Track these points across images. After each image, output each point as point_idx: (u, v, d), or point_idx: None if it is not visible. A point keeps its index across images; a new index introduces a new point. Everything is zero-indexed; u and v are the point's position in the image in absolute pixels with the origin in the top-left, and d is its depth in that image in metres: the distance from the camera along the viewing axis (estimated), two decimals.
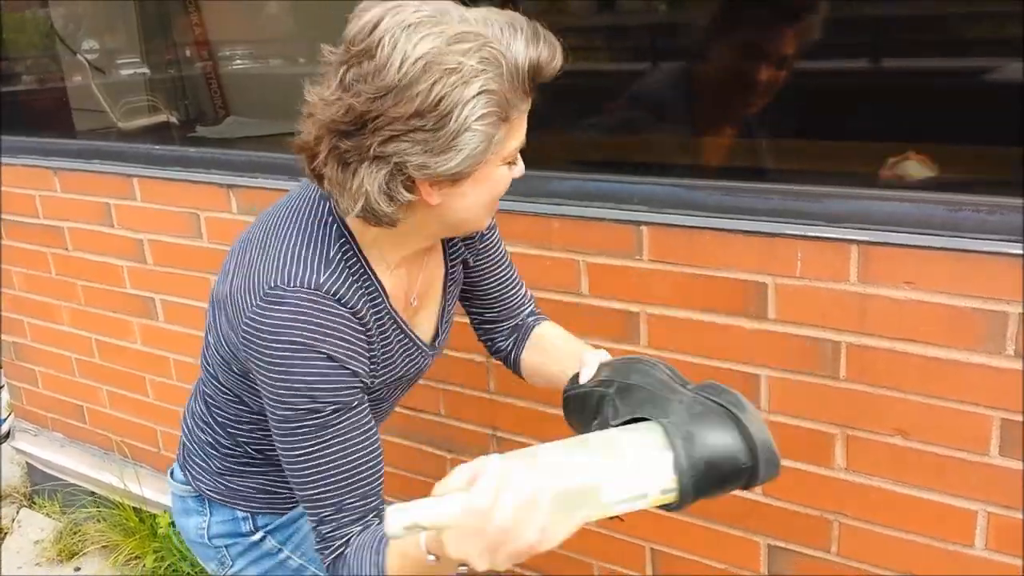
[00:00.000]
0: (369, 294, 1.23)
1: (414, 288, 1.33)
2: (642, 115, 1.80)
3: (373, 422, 1.23)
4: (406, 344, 1.33)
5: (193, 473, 1.50)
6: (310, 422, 1.16)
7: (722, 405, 1.09)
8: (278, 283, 1.15)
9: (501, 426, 2.04)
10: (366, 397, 1.22)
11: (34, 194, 2.82)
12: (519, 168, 1.21)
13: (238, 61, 2.77)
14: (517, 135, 1.14)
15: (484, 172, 1.13)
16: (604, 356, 1.32)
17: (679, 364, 1.73)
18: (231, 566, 1.52)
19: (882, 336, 1.53)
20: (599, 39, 1.92)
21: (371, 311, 1.23)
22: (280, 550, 1.52)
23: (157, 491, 2.87)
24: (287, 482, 1.42)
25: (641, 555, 1.93)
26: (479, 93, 1.04)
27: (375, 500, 1.22)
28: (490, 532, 0.92)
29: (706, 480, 1.04)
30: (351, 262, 1.21)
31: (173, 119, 2.76)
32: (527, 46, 1.07)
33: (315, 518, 1.20)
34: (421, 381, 2.07)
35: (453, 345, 1.62)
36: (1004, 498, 1.49)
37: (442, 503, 0.94)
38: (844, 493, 1.64)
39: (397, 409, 2.16)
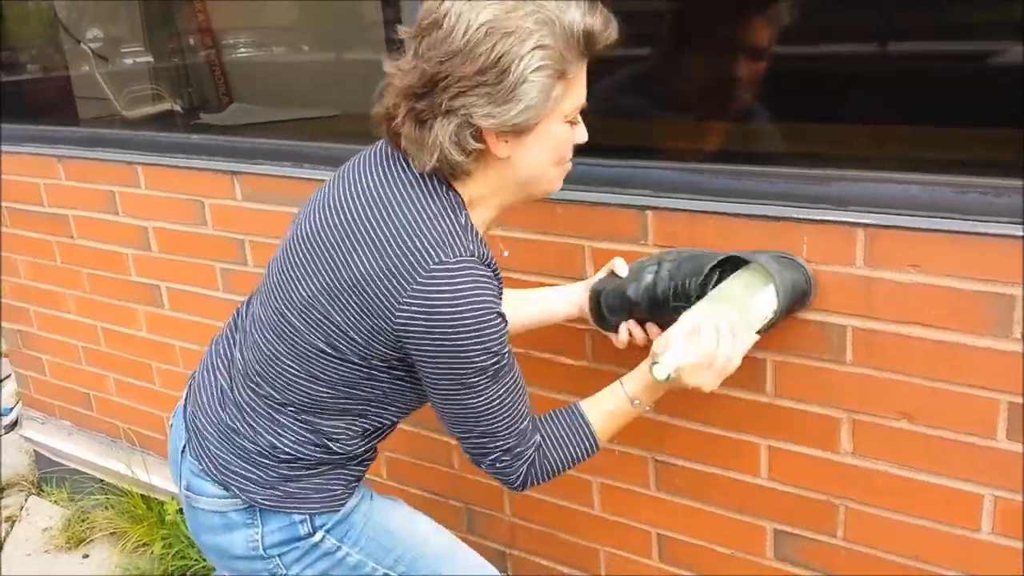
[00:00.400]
0: (487, 249, 1.35)
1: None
2: (639, 100, 1.80)
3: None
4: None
5: (239, 485, 1.46)
6: (498, 370, 1.30)
7: (787, 256, 1.55)
8: (442, 257, 1.25)
9: None
10: None
11: (39, 182, 2.82)
12: (582, 130, 1.33)
13: (241, 48, 2.76)
14: (576, 93, 1.27)
15: (546, 128, 1.26)
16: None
17: None
18: (284, 573, 1.49)
19: (888, 320, 1.52)
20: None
21: (493, 261, 1.36)
22: (339, 547, 1.50)
23: (164, 478, 2.88)
24: (348, 474, 1.50)
25: (647, 540, 1.93)
26: (534, 48, 1.18)
27: (533, 419, 1.43)
28: (717, 361, 1.35)
29: (789, 300, 1.49)
30: (468, 223, 1.32)
31: (177, 107, 2.75)
32: (583, 15, 1.21)
33: (503, 449, 1.38)
34: None
35: None
36: (1011, 482, 1.48)
37: (682, 347, 1.36)
38: (850, 477, 1.63)
39: None
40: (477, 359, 1.27)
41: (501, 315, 1.28)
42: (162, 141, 2.51)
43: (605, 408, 1.46)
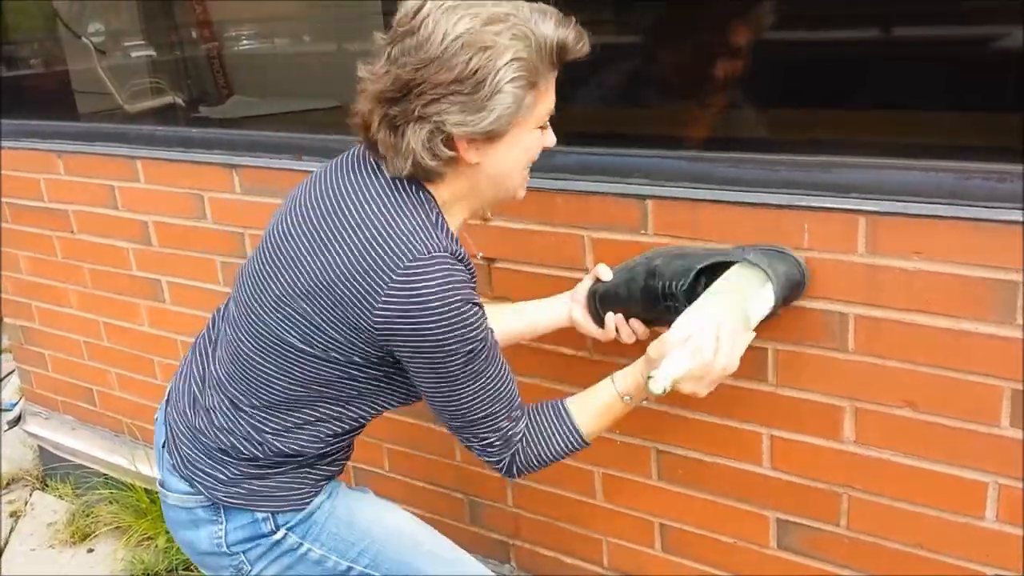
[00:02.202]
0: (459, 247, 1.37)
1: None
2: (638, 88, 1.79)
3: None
4: None
5: (203, 483, 1.48)
6: (478, 357, 1.31)
7: (775, 249, 1.54)
8: (416, 254, 1.27)
9: None
10: None
11: (38, 177, 2.82)
12: (550, 135, 1.37)
13: (242, 41, 2.75)
14: (546, 101, 1.30)
15: (516, 134, 1.29)
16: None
17: None
18: (249, 570, 1.51)
19: (891, 307, 1.51)
20: (607, 12, 1.89)
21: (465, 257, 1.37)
22: (301, 544, 1.50)
23: None
24: (315, 474, 1.49)
25: (650, 530, 1.92)
26: (510, 61, 1.20)
27: (521, 406, 1.44)
28: (714, 371, 1.35)
29: (785, 293, 1.49)
30: (441, 222, 1.33)
31: (178, 100, 2.74)
32: (556, 28, 1.24)
33: (489, 433, 1.40)
34: None
35: None
36: (1014, 469, 1.47)
37: (679, 360, 1.34)
38: (853, 466, 1.62)
39: None
40: (458, 349, 1.28)
41: (477, 304, 1.30)
42: (161, 135, 2.50)
43: (594, 404, 1.46)
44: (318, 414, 1.43)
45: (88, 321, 2.94)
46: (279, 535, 1.49)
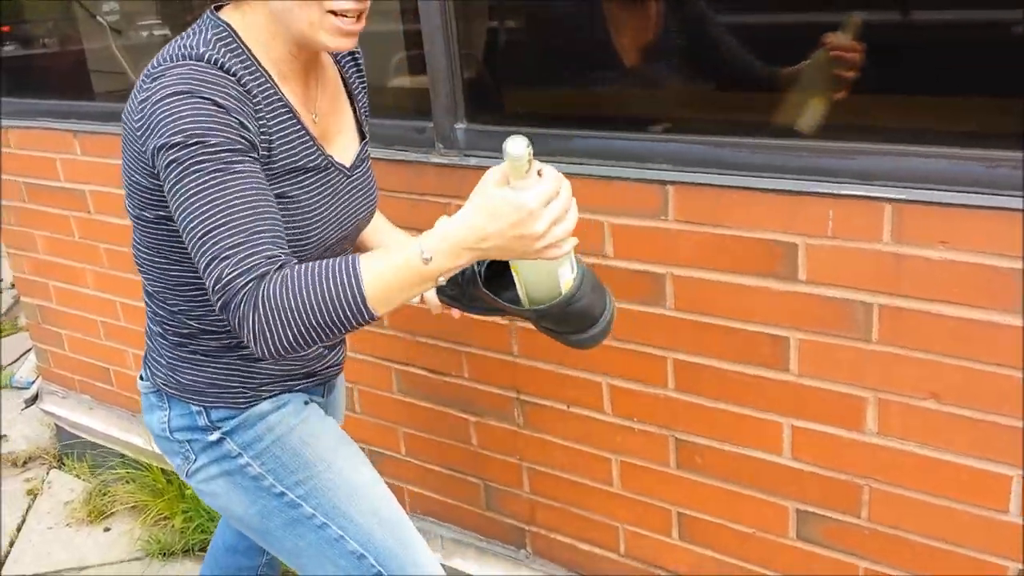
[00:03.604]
0: (251, 73, 1.32)
1: (312, 106, 1.45)
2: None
3: (271, 192, 1.27)
4: (308, 145, 1.39)
5: (152, 369, 1.55)
6: (203, 158, 1.20)
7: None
8: (158, 63, 1.28)
9: (525, 389, 2.02)
10: (261, 167, 1.27)
11: (55, 157, 2.81)
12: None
13: None
14: None
15: None
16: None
17: (706, 327, 1.71)
18: (194, 460, 1.53)
19: (916, 297, 1.48)
20: None
21: (256, 86, 1.32)
22: (240, 454, 1.51)
23: None
24: (242, 370, 1.50)
25: (667, 518, 1.91)
26: None
27: (284, 249, 1.22)
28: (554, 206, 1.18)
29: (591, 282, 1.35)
30: (228, 42, 1.32)
31: None
32: None
33: (225, 247, 1.17)
34: (444, 343, 2.07)
35: None
36: None
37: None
38: (875, 457, 1.60)
39: (418, 371, 2.15)
40: (179, 137, 1.20)
41: (217, 104, 1.22)
42: None
43: (390, 259, 1.19)
44: (176, 280, 1.43)
45: (105, 301, 2.94)
46: (214, 436, 1.50)
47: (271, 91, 1.35)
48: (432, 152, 1.97)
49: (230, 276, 1.17)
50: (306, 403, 1.59)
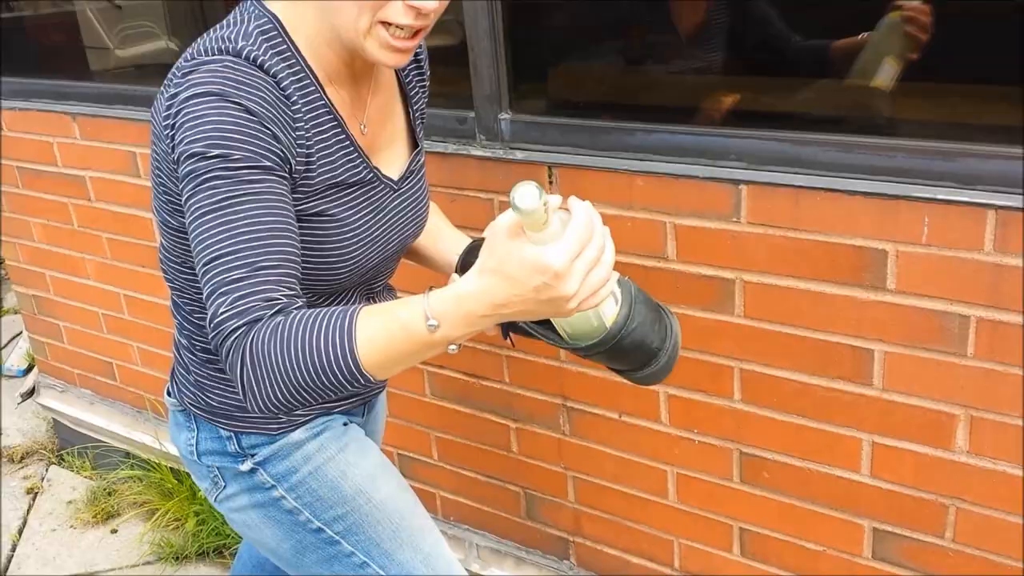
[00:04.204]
0: (295, 74, 1.18)
1: (361, 114, 1.29)
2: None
3: (293, 217, 1.12)
4: (352, 158, 1.25)
5: (179, 386, 1.43)
6: (221, 173, 1.06)
7: (656, 301, 1.23)
8: (191, 57, 1.14)
9: (572, 396, 1.90)
10: (289, 184, 1.14)
11: (51, 141, 2.64)
12: (399, 8, 1.12)
13: None
14: None
15: None
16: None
17: (779, 337, 1.59)
18: (224, 487, 1.41)
19: (1018, 311, 1.37)
20: None
21: (298, 90, 1.18)
22: (275, 487, 1.38)
23: None
24: None
25: (728, 533, 1.81)
26: None
27: (294, 285, 1.08)
28: (593, 246, 0.98)
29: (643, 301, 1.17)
30: (271, 36, 1.17)
31: (171, 45, 2.55)
32: None
33: (224, 282, 1.04)
34: (482, 346, 1.95)
35: None
36: None
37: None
38: (964, 477, 1.50)
39: (453, 374, 2.03)
40: (199, 146, 1.06)
41: (249, 111, 1.08)
42: None
43: (391, 320, 1.03)
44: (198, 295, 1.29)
45: (107, 293, 2.79)
46: (246, 466, 1.38)
47: (315, 96, 1.20)
48: (473, 144, 1.83)
49: (223, 316, 1.04)
50: (345, 425, 1.46)
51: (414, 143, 1.41)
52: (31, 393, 3.35)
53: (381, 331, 1.02)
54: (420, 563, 1.42)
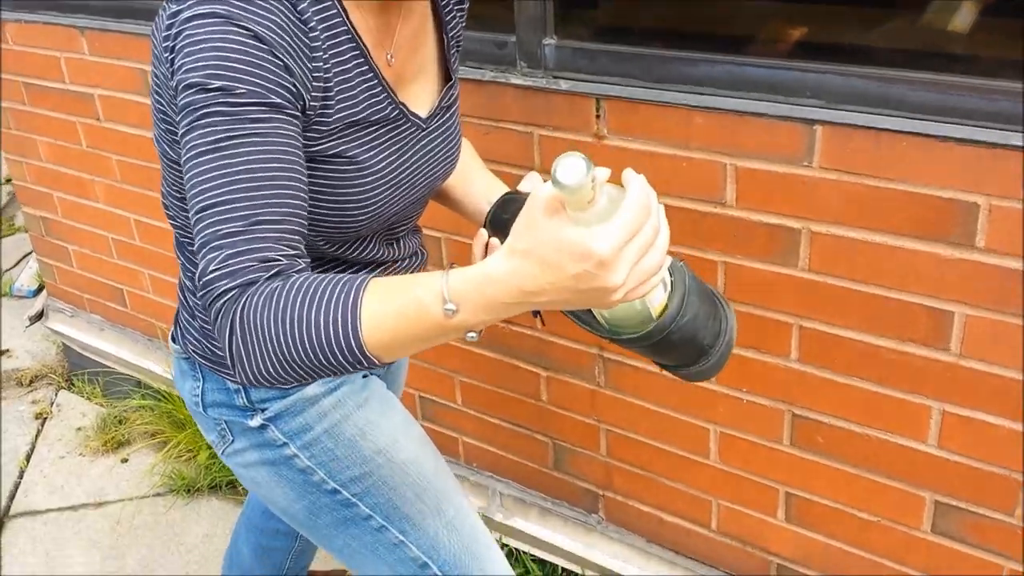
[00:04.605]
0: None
1: (389, 44, 1.13)
2: None
3: (302, 163, 0.97)
4: (376, 93, 1.10)
5: (182, 331, 1.30)
6: (222, 108, 0.92)
7: (711, 289, 1.10)
8: None
9: (609, 347, 1.78)
10: (300, 123, 0.99)
11: (58, 56, 2.48)
12: None
13: None
14: None
15: None
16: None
17: (847, 293, 1.46)
18: (231, 441, 1.30)
19: None
20: None
21: (317, 13, 1.02)
22: (287, 445, 1.26)
23: None
24: None
25: (773, 497, 1.70)
26: None
27: (297, 243, 0.95)
28: (647, 229, 0.83)
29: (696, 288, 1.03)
30: None
31: None
32: None
33: (216, 235, 0.91)
34: None
35: None
36: None
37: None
38: None
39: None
40: (199, 75, 0.92)
41: (258, 37, 0.93)
42: None
43: (403, 298, 0.89)
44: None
45: (117, 217, 2.66)
46: (255, 422, 1.26)
47: (337, 20, 1.04)
48: (513, 72, 1.67)
49: (213, 274, 0.91)
50: (364, 378, 1.34)
51: (446, 76, 1.25)
52: (40, 316, 3.26)
53: (391, 309, 0.88)
54: (443, 528, 1.32)
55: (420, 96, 1.20)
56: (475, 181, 1.40)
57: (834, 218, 1.43)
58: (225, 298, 0.90)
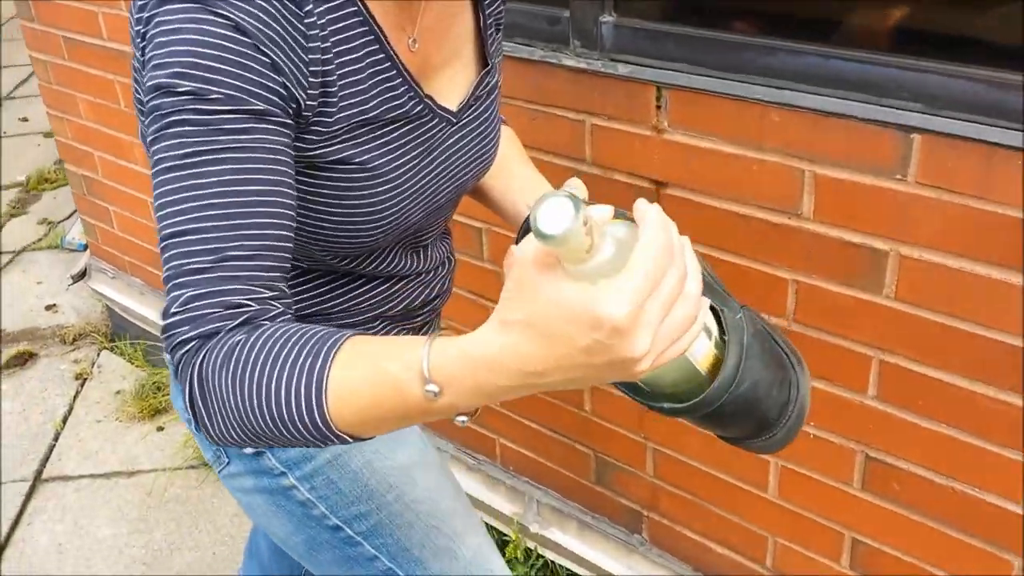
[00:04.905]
0: None
1: (412, 26, 0.96)
2: None
3: (290, 181, 0.81)
4: (394, 86, 0.93)
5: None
6: (193, 116, 0.77)
7: (780, 345, 0.91)
8: None
9: None
10: (290, 131, 0.83)
11: (96, 10, 2.36)
12: None
13: None
14: None
15: None
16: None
17: (938, 328, 1.26)
18: (227, 463, 1.17)
19: None
20: None
21: (324, 6, 0.85)
22: (284, 475, 1.13)
23: None
24: None
25: (838, 542, 1.52)
26: None
27: (275, 282, 0.79)
28: (670, 276, 0.64)
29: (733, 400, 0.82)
30: None
31: None
32: None
33: (180, 271, 0.77)
34: None
35: None
36: None
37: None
38: None
39: None
40: (166, 72, 0.77)
41: (241, 30, 0.77)
42: None
43: (378, 367, 0.72)
44: None
45: None
46: (250, 449, 1.12)
47: (344, 1, 0.87)
48: (565, 51, 1.48)
49: (173, 318, 0.77)
50: None
51: (483, 60, 1.07)
52: (83, 275, 3.19)
53: (363, 385, 0.72)
54: (457, 573, 1.18)
55: (450, 86, 1.03)
56: (517, 178, 1.23)
57: (928, 241, 1.22)
58: (184, 349, 0.77)
